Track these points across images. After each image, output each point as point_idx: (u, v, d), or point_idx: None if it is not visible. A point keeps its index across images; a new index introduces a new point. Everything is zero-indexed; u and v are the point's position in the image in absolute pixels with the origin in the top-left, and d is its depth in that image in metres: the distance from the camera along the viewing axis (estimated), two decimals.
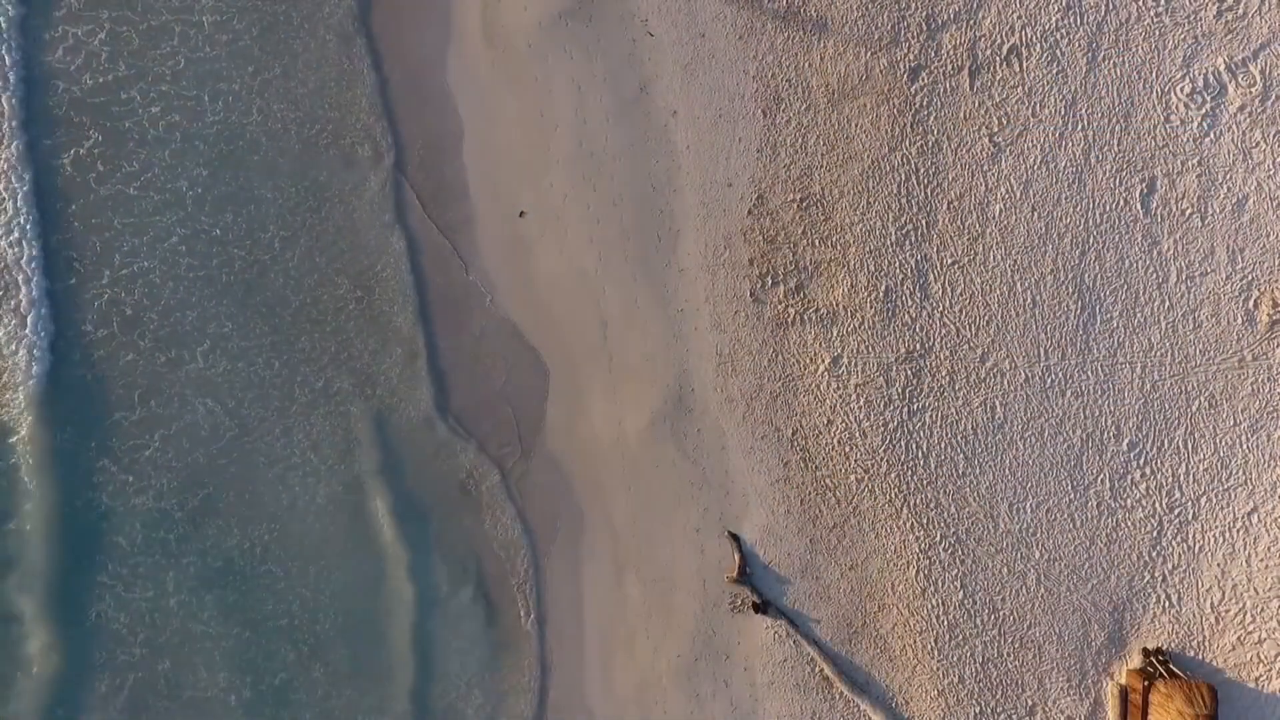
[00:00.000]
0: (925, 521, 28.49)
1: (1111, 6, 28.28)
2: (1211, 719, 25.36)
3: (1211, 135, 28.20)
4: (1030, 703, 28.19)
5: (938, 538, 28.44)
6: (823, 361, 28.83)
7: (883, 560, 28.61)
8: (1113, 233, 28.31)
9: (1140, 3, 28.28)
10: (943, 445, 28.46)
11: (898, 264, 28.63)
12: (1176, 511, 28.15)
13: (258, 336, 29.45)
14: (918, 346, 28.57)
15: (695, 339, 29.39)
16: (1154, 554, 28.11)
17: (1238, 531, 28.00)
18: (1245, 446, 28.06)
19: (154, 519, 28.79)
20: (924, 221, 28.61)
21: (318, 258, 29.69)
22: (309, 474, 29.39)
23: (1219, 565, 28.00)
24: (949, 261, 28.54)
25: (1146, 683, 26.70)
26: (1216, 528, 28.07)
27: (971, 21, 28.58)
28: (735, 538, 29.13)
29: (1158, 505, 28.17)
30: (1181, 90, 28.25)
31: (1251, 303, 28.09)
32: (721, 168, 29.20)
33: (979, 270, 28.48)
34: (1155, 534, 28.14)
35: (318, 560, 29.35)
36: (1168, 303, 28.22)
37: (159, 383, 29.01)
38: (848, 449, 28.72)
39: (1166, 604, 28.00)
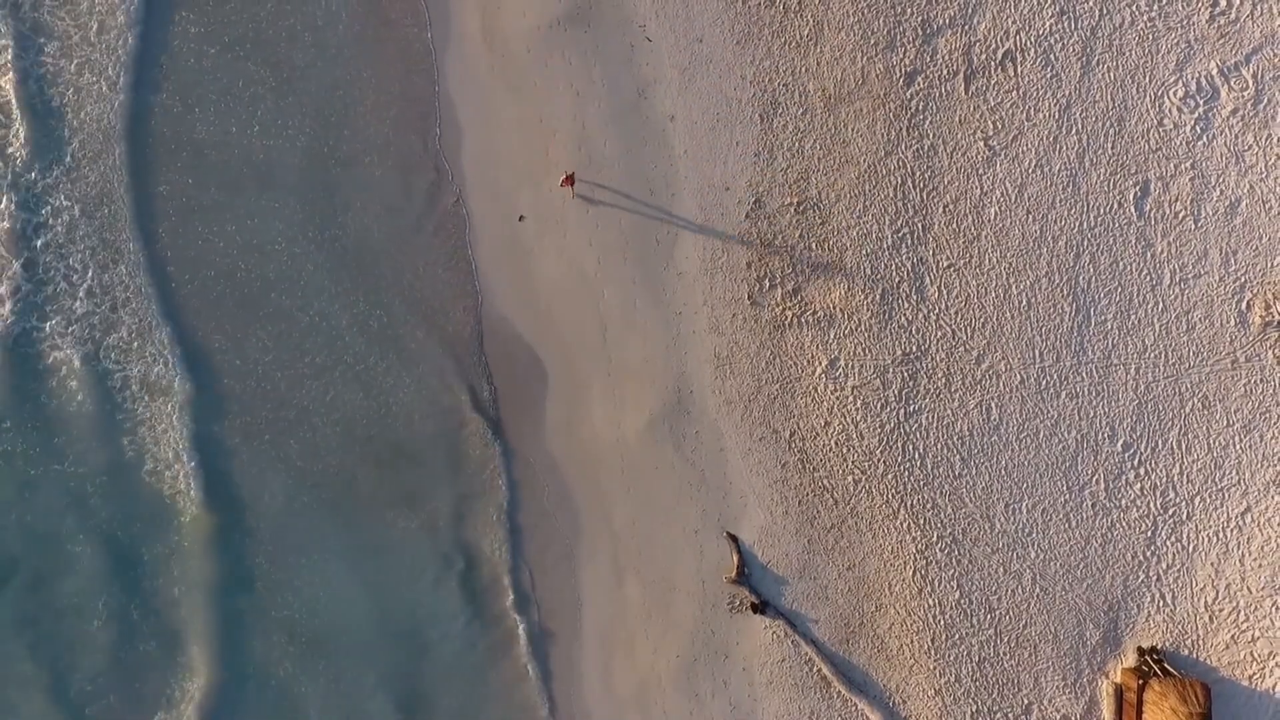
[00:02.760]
0: (922, 522, 28.72)
1: (1105, 12, 28.53)
2: (1205, 717, 25.56)
3: (1204, 139, 28.46)
4: (1026, 701, 28.42)
5: (934, 538, 28.67)
6: (820, 364, 29.06)
7: (880, 561, 28.84)
8: (1107, 235, 28.56)
9: (1133, 8, 28.54)
10: (939, 446, 28.69)
11: (894, 267, 28.87)
12: (1171, 511, 28.40)
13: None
14: (914, 349, 28.81)
15: (694, 341, 29.60)
16: (1148, 554, 28.35)
17: (1231, 531, 28.24)
18: (1238, 447, 28.31)
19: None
20: (920, 225, 28.85)
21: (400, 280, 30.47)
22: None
23: (1213, 564, 28.25)
24: (945, 264, 28.78)
25: (1141, 681, 26.91)
26: (1210, 527, 28.31)
27: (967, 27, 28.82)
28: (734, 539, 29.32)
29: (1152, 505, 28.41)
30: (1175, 94, 28.50)
31: (1244, 304, 28.34)
32: (719, 172, 29.41)
33: (974, 273, 28.72)
34: (1150, 534, 28.38)
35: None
36: (1161, 305, 28.48)
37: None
38: (845, 450, 28.95)
39: (1161, 603, 28.24)
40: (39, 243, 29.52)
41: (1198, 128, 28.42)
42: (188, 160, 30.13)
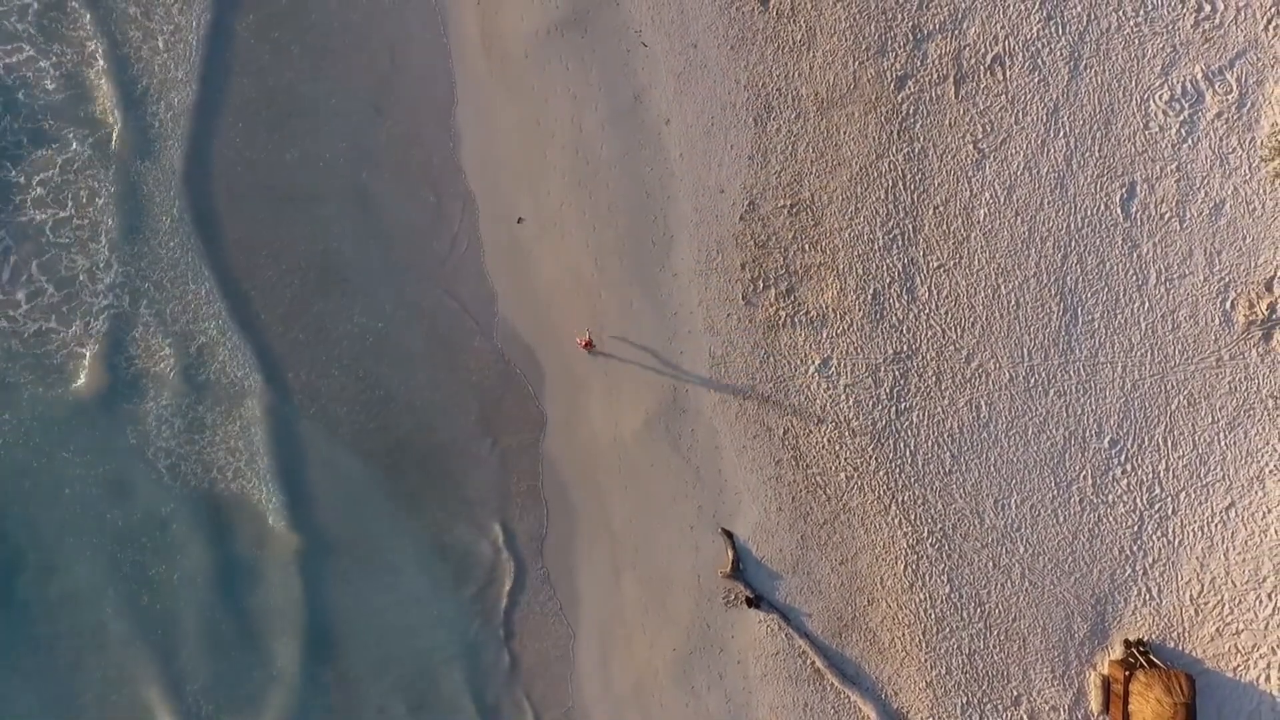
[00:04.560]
0: (913, 518, 29.22)
1: (1092, 17, 29.01)
2: (1189, 707, 26.05)
3: (1189, 141, 28.92)
4: (1015, 693, 28.92)
5: (925, 533, 29.18)
6: (813, 362, 29.55)
7: (872, 555, 29.33)
8: (1094, 236, 29.04)
9: (1120, 13, 29.01)
10: (930, 443, 29.19)
11: (885, 267, 29.37)
12: (1157, 507, 28.88)
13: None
14: (905, 348, 29.31)
15: (689, 341, 30.08)
16: (1135, 548, 28.84)
17: (1216, 526, 28.71)
18: (1223, 443, 28.78)
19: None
20: (911, 226, 29.34)
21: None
22: None
23: (1198, 559, 28.72)
24: (935, 265, 29.28)
25: (1128, 673, 27.39)
26: (1195, 522, 28.78)
27: (956, 32, 29.30)
28: (729, 534, 29.80)
29: (1138, 501, 28.90)
30: (1160, 98, 28.97)
31: (1228, 304, 28.80)
32: (714, 175, 29.89)
33: (964, 273, 29.21)
34: (1136, 529, 28.86)
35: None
36: (1147, 304, 28.96)
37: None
38: (837, 447, 29.46)
39: (1147, 596, 28.74)
40: (125, 252, 30.64)
41: (1183, 131, 28.90)
42: (258, 172, 30.86)
